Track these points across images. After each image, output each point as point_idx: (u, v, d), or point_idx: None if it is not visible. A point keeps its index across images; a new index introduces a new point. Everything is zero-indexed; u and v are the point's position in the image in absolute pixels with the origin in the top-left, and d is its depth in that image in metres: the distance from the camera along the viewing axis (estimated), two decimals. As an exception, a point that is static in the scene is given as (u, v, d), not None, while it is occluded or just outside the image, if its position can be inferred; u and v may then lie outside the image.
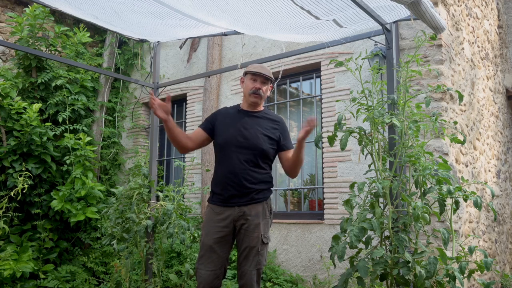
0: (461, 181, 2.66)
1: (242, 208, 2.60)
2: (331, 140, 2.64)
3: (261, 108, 2.83)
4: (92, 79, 6.10)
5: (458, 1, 4.60)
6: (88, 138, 5.39)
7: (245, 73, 2.78)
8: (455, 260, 2.41)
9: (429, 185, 2.47)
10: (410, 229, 2.43)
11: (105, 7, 3.15)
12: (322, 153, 4.66)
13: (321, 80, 4.76)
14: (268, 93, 2.80)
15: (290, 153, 2.71)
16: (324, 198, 4.57)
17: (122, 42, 6.60)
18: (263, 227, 2.62)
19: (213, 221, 2.63)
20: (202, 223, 2.86)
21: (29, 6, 5.43)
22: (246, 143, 2.63)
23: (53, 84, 5.49)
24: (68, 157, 5.17)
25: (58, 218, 5.00)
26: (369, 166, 2.62)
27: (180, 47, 6.09)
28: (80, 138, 5.33)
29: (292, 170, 2.71)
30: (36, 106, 4.94)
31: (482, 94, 5.28)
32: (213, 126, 2.77)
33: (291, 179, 5.04)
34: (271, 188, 2.76)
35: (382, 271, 2.40)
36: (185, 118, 6.06)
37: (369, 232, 2.38)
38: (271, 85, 2.79)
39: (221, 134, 2.71)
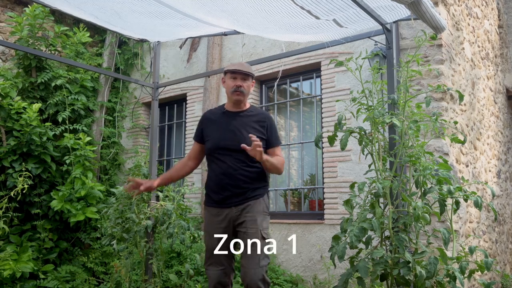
0: (461, 181, 2.66)
1: (239, 207, 2.63)
2: (331, 140, 2.64)
3: (247, 106, 2.81)
4: (92, 79, 6.09)
5: (458, 1, 4.60)
6: (88, 138, 5.38)
7: (225, 73, 2.77)
8: (455, 260, 2.40)
9: (429, 185, 2.47)
10: (411, 229, 2.42)
11: (105, 7, 3.15)
12: (322, 153, 4.66)
13: (321, 80, 4.76)
14: (251, 89, 2.80)
15: (274, 151, 2.73)
16: (324, 198, 4.56)
17: (122, 42, 6.60)
18: (262, 223, 2.62)
19: (213, 223, 2.68)
20: (203, 225, 2.88)
21: (29, 6, 5.43)
22: (234, 145, 2.63)
23: (53, 84, 5.48)
24: (68, 157, 5.16)
25: (58, 218, 5.00)
26: (369, 166, 2.62)
27: (180, 47, 6.08)
28: (80, 138, 5.33)
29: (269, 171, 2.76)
30: (36, 106, 4.94)
31: (483, 94, 5.27)
32: (202, 133, 2.82)
33: (292, 179, 5.04)
34: (267, 185, 2.77)
35: (383, 271, 2.39)
36: (185, 118, 6.05)
37: (369, 232, 2.38)
38: (253, 81, 2.79)
39: (209, 139, 2.76)
